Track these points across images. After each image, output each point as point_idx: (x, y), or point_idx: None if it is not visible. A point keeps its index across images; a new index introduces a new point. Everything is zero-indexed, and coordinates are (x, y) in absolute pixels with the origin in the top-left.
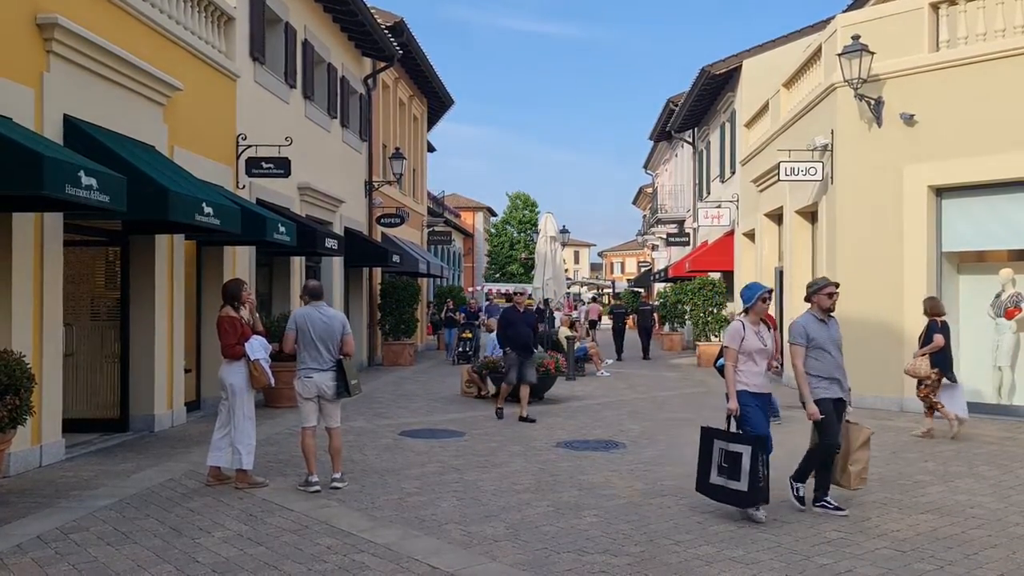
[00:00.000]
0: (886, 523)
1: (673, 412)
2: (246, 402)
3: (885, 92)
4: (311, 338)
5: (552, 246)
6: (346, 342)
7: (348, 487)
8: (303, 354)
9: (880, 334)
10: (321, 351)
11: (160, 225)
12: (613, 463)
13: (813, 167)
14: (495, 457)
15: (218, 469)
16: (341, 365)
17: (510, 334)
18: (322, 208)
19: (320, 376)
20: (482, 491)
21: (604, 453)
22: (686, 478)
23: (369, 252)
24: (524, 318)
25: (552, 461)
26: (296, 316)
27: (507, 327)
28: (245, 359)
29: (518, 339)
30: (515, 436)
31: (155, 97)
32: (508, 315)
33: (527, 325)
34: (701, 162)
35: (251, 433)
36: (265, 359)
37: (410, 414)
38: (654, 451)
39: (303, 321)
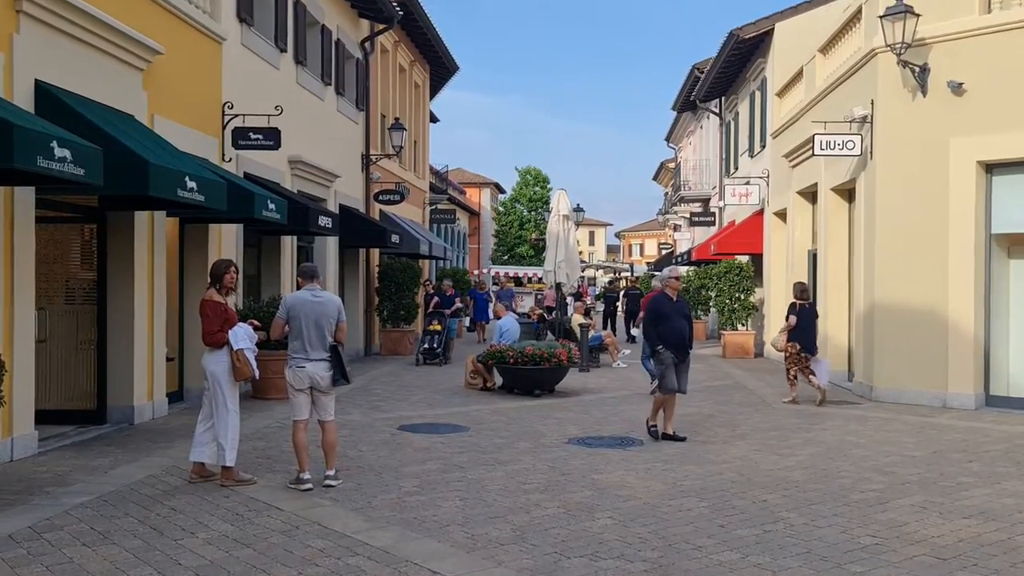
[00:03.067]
0: (925, 528)
1: (695, 406)
2: (228, 393)
3: (931, 58)
4: (304, 324)
5: (565, 226)
6: (340, 328)
7: (342, 485)
8: (295, 342)
9: (921, 322)
10: (314, 338)
11: (140, 201)
12: (629, 461)
13: (851, 140)
14: (501, 454)
15: (202, 465)
16: (337, 352)
17: (665, 330)
18: (315, 183)
19: (313, 365)
20: (487, 490)
21: (619, 450)
22: (708, 478)
23: (366, 231)
24: (678, 308)
25: (563, 459)
26: (287, 301)
27: (659, 320)
28: (228, 348)
29: (675, 335)
30: (523, 432)
31: (134, 62)
32: (660, 305)
33: (683, 317)
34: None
35: (235, 426)
36: (250, 349)
37: (410, 407)
38: (674, 448)
39: (295, 306)
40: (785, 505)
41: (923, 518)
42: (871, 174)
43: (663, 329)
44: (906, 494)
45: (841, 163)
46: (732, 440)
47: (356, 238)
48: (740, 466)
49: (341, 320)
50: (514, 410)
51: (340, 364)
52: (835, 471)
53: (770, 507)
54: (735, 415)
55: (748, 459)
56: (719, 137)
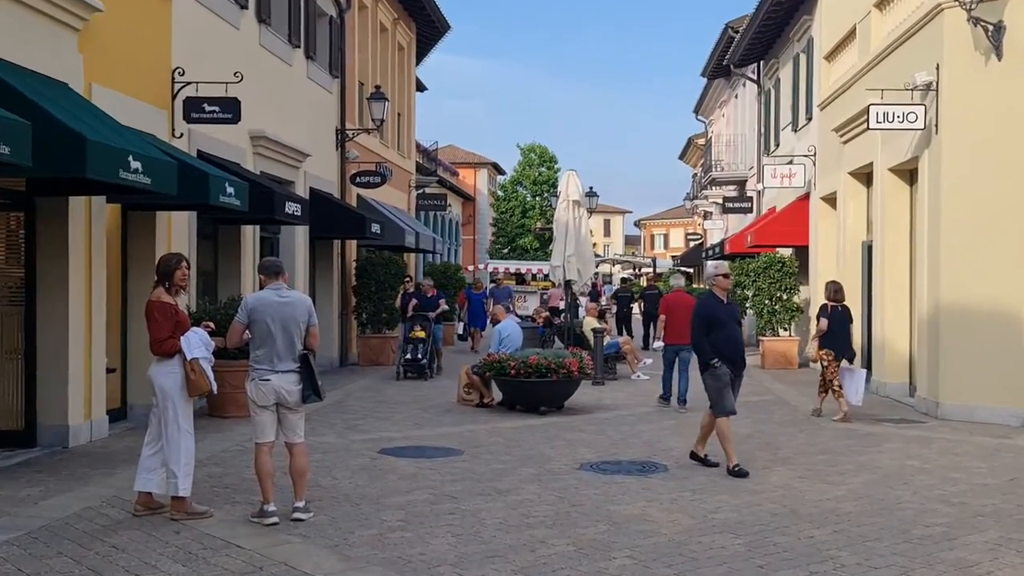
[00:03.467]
0: (1000, 569)
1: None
2: (181, 411)
3: (1007, 15)
4: (268, 329)
5: (575, 213)
6: (311, 334)
7: (314, 519)
8: (258, 351)
9: (996, 326)
10: (280, 346)
11: (75, 185)
12: (651, 490)
13: (912, 112)
14: (501, 482)
15: (149, 495)
16: (307, 362)
17: (719, 339)
18: (281, 163)
19: (279, 378)
20: (484, 525)
21: (640, 477)
22: (744, 510)
23: (341, 220)
24: (731, 312)
25: (574, 487)
26: (248, 302)
27: (711, 325)
28: (180, 357)
29: (730, 345)
30: (527, 456)
31: (67, 20)
32: (711, 309)
33: (737, 323)
34: (768, 105)
35: (188, 450)
36: (206, 358)
37: (393, 427)
38: (704, 476)
39: (258, 308)
40: (835, 542)
41: (997, 557)
42: (936, 151)
43: (717, 338)
44: (978, 529)
45: (901, 138)
46: (772, 465)
47: (330, 228)
48: (782, 496)
49: (312, 324)
50: (516, 430)
51: (311, 377)
52: (894, 502)
53: (817, 544)
54: (775, 436)
55: (791, 488)
56: (757, 108)
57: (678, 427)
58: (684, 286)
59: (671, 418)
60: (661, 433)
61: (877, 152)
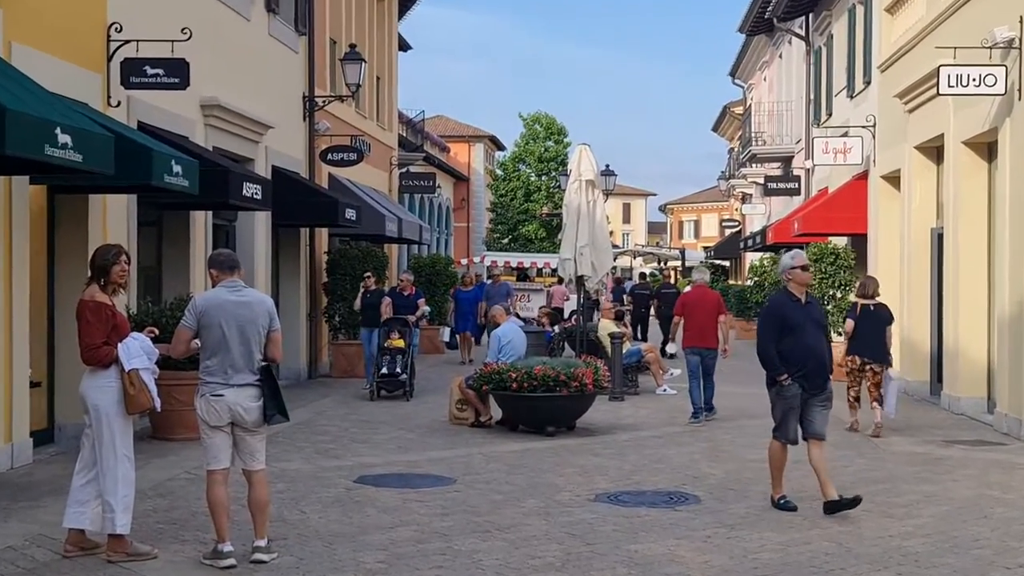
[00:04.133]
0: None
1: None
2: (119, 433)
3: None
4: (222, 335)
5: (589, 195)
6: (273, 341)
7: (278, 560)
8: (210, 360)
9: None
10: (236, 355)
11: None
12: (680, 526)
13: (991, 74)
14: (500, 516)
15: (82, 533)
16: (269, 374)
17: (793, 349)
18: (238, 137)
19: (235, 393)
20: (481, 567)
21: (667, 511)
22: (791, 549)
23: (310, 204)
24: (810, 314)
25: (588, 523)
26: (198, 303)
27: (782, 332)
28: (117, 368)
29: (808, 357)
30: (531, 485)
31: None
32: (782, 309)
33: (819, 327)
34: (818, 67)
35: (127, 479)
36: (149, 369)
37: (373, 451)
38: (743, 507)
39: (209, 310)
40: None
41: None
42: (1019, 120)
43: (789, 347)
44: None
45: (977, 106)
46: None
47: (296, 214)
48: (836, 532)
49: (274, 329)
50: (518, 454)
51: (274, 392)
52: (970, 539)
53: None
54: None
55: (848, 522)
56: (805, 70)
57: (712, 451)
58: (708, 281)
59: (704, 439)
60: (692, 457)
61: (949, 122)
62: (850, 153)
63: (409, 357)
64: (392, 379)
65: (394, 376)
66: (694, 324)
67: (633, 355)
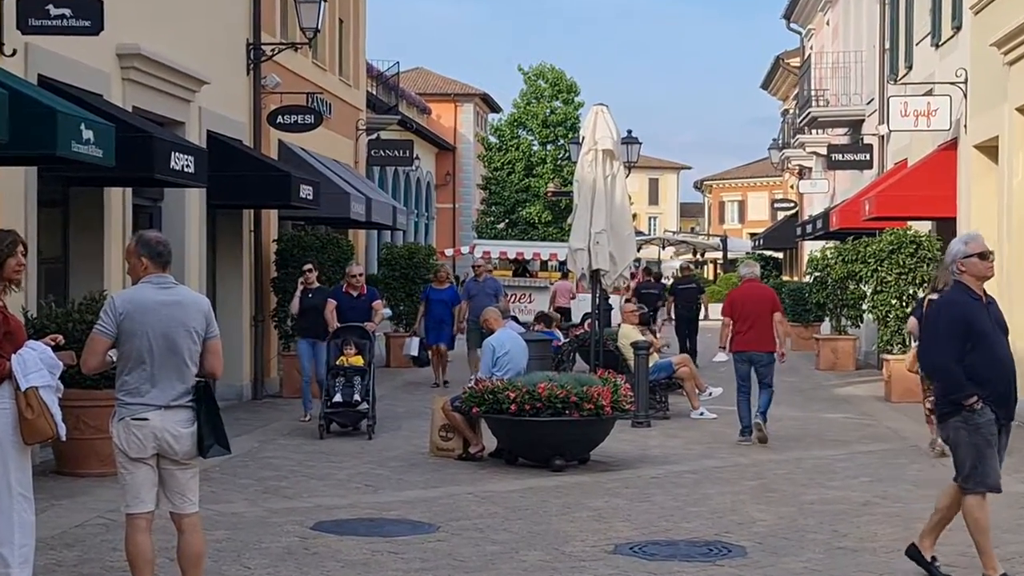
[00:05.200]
0: None
1: (838, 488)
2: (13, 467)
3: None
4: (147, 344)
5: (607, 170)
6: (210, 351)
7: None
8: (130, 375)
9: None
10: (164, 369)
11: None
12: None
13: None
14: (496, 572)
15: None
16: (207, 393)
17: (981, 361)
18: (165, 95)
19: (163, 417)
20: None
21: (706, 566)
22: None
23: (255, 180)
24: (992, 314)
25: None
26: (117, 304)
27: (967, 340)
28: (11, 386)
29: (998, 370)
30: (534, 533)
31: None
32: (964, 309)
33: (1003, 330)
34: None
35: (25, 524)
36: (50, 387)
37: (334, 489)
38: (800, 562)
39: (131, 312)
40: None
41: None
42: None
43: (978, 360)
44: None
45: None
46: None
47: (238, 191)
48: None
49: (212, 336)
50: (518, 494)
51: (212, 415)
52: None
53: None
54: (908, 502)
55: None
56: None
57: (762, 490)
58: (758, 275)
59: (751, 475)
60: (737, 498)
61: None
62: (935, 116)
63: (370, 379)
64: (348, 409)
65: (351, 405)
66: (744, 325)
67: (662, 369)
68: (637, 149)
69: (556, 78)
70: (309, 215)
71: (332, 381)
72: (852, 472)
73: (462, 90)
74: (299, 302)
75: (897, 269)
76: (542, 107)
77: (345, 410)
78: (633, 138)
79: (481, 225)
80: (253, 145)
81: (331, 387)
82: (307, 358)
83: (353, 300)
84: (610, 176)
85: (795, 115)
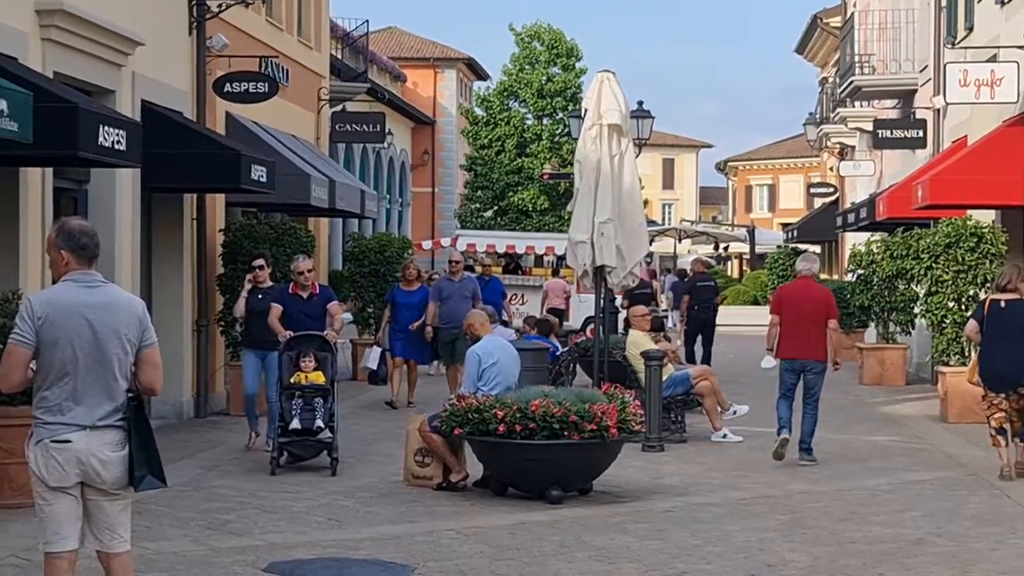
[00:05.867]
0: None
1: (886, 522)
2: None
3: None
4: (71, 354)
5: (614, 148)
6: (147, 361)
7: None
8: (51, 391)
9: None
10: (90, 382)
11: None
12: None
13: None
14: None
15: None
16: (140, 412)
17: None
18: (92, 59)
19: (89, 439)
20: None
21: None
22: None
23: (198, 159)
24: None
25: None
26: (35, 307)
27: None
28: None
29: None
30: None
31: None
32: None
33: None
34: None
35: None
36: None
37: (291, 524)
38: None
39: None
40: None
41: None
42: None
43: None
44: None
45: None
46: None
47: (177, 173)
48: None
49: (149, 344)
50: (508, 531)
51: (146, 439)
52: None
53: None
54: (967, 540)
55: None
56: None
57: (794, 525)
58: (817, 272)
59: (783, 508)
60: (765, 535)
61: None
62: (1000, 86)
63: (333, 401)
64: (309, 439)
65: (311, 433)
66: (792, 328)
67: (678, 383)
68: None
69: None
70: (262, 201)
71: (287, 403)
72: (901, 505)
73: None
74: (246, 304)
75: (955, 266)
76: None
77: (304, 439)
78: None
79: (465, 213)
80: (196, 118)
81: (286, 410)
82: (253, 373)
83: (303, 303)
84: (617, 155)
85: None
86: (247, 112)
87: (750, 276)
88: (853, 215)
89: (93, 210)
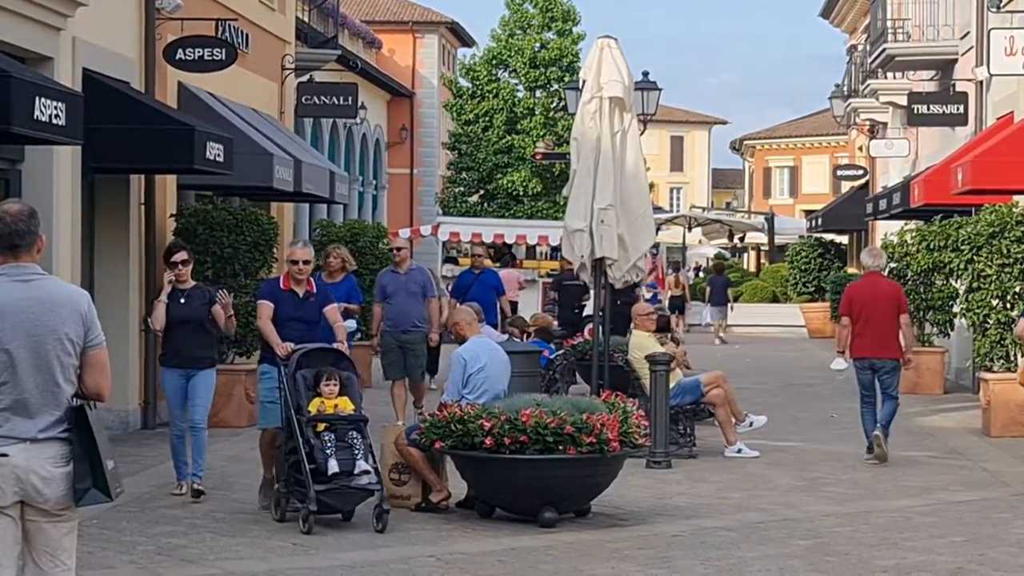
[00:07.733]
0: None
1: (919, 551)
2: None
3: None
4: (5, 358)
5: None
6: (93, 364)
7: None
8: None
9: None
10: (29, 388)
11: None
12: None
13: None
14: None
15: None
16: (84, 421)
17: None
18: (26, 21)
19: (27, 452)
20: None
21: None
22: None
23: (147, 135)
24: None
25: None
26: None
27: None
28: None
29: None
30: None
31: None
32: None
33: None
34: None
35: None
36: None
37: (250, 549)
38: None
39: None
40: None
41: None
42: None
43: None
44: None
45: None
46: None
47: (123, 151)
48: None
49: (94, 344)
50: (495, 557)
51: (90, 451)
52: None
53: None
54: (1012, 570)
55: None
56: None
57: (817, 552)
58: (883, 268)
59: (803, 532)
60: (786, 563)
61: None
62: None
63: (368, 435)
64: (348, 486)
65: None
66: (864, 326)
67: (687, 391)
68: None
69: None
70: (219, 183)
71: (316, 440)
72: (938, 529)
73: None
74: (166, 307)
75: (999, 259)
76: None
77: (342, 487)
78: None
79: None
80: (144, 89)
81: (316, 448)
82: (178, 402)
83: (298, 303)
84: (619, 133)
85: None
86: (202, 82)
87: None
88: (885, 201)
89: (28, 193)
